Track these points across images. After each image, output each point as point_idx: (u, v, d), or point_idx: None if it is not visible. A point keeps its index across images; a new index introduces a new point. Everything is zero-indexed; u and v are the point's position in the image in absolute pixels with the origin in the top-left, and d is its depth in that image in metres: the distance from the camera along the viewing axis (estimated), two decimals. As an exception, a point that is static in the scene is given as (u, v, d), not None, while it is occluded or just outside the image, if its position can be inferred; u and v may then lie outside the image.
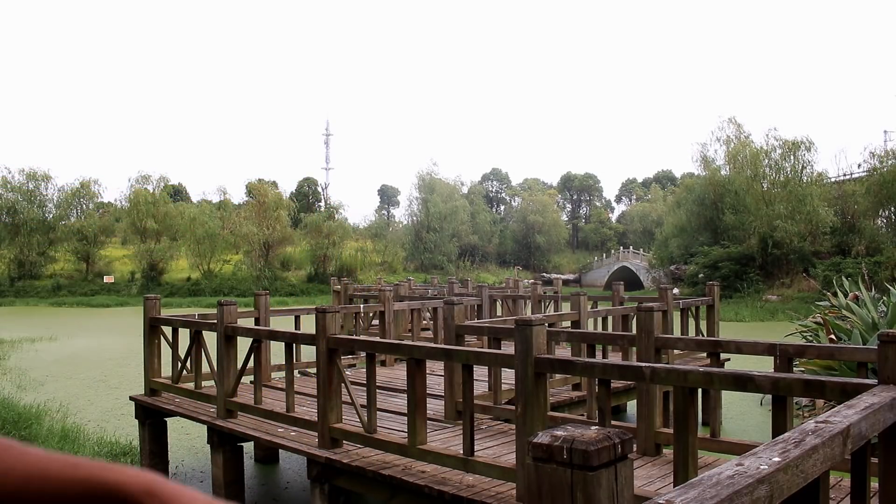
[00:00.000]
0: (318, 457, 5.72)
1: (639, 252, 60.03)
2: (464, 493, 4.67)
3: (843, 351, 5.81)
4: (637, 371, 4.14)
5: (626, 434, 1.65)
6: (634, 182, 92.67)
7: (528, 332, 4.35)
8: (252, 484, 7.78)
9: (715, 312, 10.93)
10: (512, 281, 23.25)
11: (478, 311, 12.49)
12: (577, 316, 8.66)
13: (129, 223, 50.95)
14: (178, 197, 63.38)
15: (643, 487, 4.53)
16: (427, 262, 61.44)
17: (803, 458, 1.84)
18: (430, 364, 7.48)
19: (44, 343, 20.42)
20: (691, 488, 1.49)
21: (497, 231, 74.23)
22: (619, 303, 11.80)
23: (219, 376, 7.18)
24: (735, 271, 36.36)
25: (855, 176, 38.30)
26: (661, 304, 7.87)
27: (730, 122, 43.50)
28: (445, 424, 6.48)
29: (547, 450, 1.56)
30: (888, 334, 3.11)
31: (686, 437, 3.97)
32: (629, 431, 4.85)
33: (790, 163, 39.00)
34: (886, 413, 2.60)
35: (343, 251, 53.16)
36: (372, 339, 7.36)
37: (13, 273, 47.10)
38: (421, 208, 65.16)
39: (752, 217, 37.72)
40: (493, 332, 6.97)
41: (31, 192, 49.49)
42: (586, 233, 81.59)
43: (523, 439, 4.27)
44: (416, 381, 5.22)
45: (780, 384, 3.43)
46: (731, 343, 5.77)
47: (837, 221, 36.17)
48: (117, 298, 42.09)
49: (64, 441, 8.30)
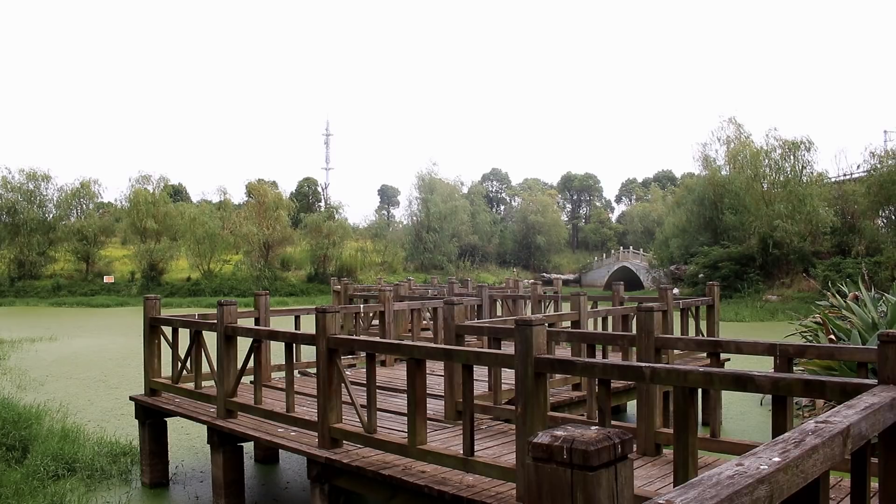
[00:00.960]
0: (318, 457, 5.72)
1: (639, 252, 60.03)
2: (464, 494, 4.66)
3: (843, 351, 5.81)
4: (637, 371, 4.14)
5: (626, 434, 1.65)
6: (634, 182, 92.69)
7: (528, 332, 4.35)
8: (252, 484, 7.78)
9: (715, 312, 10.93)
10: (512, 281, 23.25)
11: (478, 311, 12.49)
12: (577, 316, 8.66)
13: (130, 223, 50.97)
14: (178, 197, 63.38)
15: (643, 487, 4.53)
16: (427, 263, 61.46)
17: (803, 458, 1.84)
18: (430, 364, 7.49)
19: (44, 343, 20.42)
20: (691, 488, 1.49)
21: (497, 231, 74.25)
22: (619, 303, 11.80)
23: (219, 376, 7.18)
24: (735, 271, 36.37)
25: (855, 176, 38.28)
26: (661, 304, 7.87)
27: (730, 122, 43.57)
28: (445, 424, 6.48)
29: (547, 450, 1.56)
30: (888, 334, 3.11)
31: (686, 437, 3.97)
32: (629, 431, 4.85)
33: (790, 163, 39.00)
34: (886, 413, 2.60)
35: (343, 251, 53.17)
36: (372, 339, 7.35)
37: (13, 273, 47.11)
38: (421, 208, 65.18)
39: (752, 217, 37.73)
40: (493, 332, 6.97)
41: (31, 192, 49.51)
42: (586, 233, 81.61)
43: (523, 439, 4.27)
44: (416, 381, 5.22)
45: (780, 384, 3.43)
46: (731, 343, 5.77)
47: (837, 221, 36.17)
48: (117, 298, 42.11)
49: (64, 441, 8.31)
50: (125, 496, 7.26)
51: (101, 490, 7.36)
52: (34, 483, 7.07)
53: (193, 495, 7.39)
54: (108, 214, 54.43)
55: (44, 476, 7.33)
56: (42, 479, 7.25)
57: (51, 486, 7.06)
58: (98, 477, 7.69)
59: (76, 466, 7.77)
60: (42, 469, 7.45)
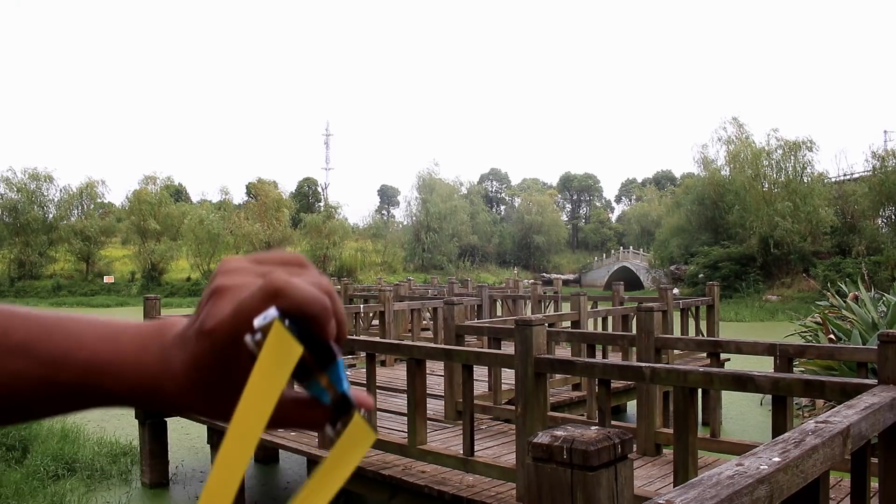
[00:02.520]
0: (318, 457, 5.72)
1: (639, 252, 60.00)
2: (464, 494, 4.67)
3: (843, 351, 5.81)
4: (637, 371, 4.14)
5: (626, 434, 1.65)
6: (634, 182, 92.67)
7: (528, 332, 4.35)
8: (252, 484, 7.78)
9: (715, 312, 10.92)
10: (512, 281, 23.24)
11: (478, 311, 12.49)
12: (577, 316, 8.66)
13: (131, 223, 50.97)
14: (178, 197, 63.36)
15: (643, 487, 4.53)
16: (427, 263, 61.43)
17: (803, 458, 1.84)
18: (430, 364, 7.47)
19: (44, 343, 20.42)
20: (691, 488, 1.49)
21: (497, 231, 74.21)
22: (619, 303, 11.79)
23: (219, 376, 7.18)
24: (735, 271, 36.34)
25: (855, 176, 38.29)
26: (661, 304, 7.87)
27: (731, 121, 43.53)
28: (445, 424, 6.48)
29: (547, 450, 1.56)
30: (888, 334, 3.11)
31: (686, 437, 3.97)
32: (629, 431, 4.85)
33: (791, 163, 38.99)
34: (886, 413, 2.60)
35: (343, 251, 53.15)
36: (372, 339, 7.35)
37: (13, 273, 47.09)
38: (420, 208, 65.14)
39: (752, 217, 37.70)
40: (493, 333, 6.97)
41: (33, 192, 49.50)
42: (586, 233, 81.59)
43: (523, 439, 4.27)
44: (416, 382, 5.22)
45: (780, 384, 3.43)
46: (731, 343, 5.78)
47: (837, 221, 36.15)
48: (117, 298, 42.09)
49: (64, 441, 8.31)
50: (125, 496, 7.26)
51: (101, 490, 7.36)
52: (34, 483, 7.07)
53: (193, 495, 7.39)
54: (110, 214, 54.42)
55: (44, 476, 7.33)
56: (42, 479, 7.25)
57: (51, 486, 7.06)
58: (98, 477, 7.69)
59: (76, 466, 7.77)
60: (42, 469, 7.45)
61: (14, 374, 0.42)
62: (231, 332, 0.39)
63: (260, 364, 0.35)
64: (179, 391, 0.42)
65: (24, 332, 0.43)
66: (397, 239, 63.96)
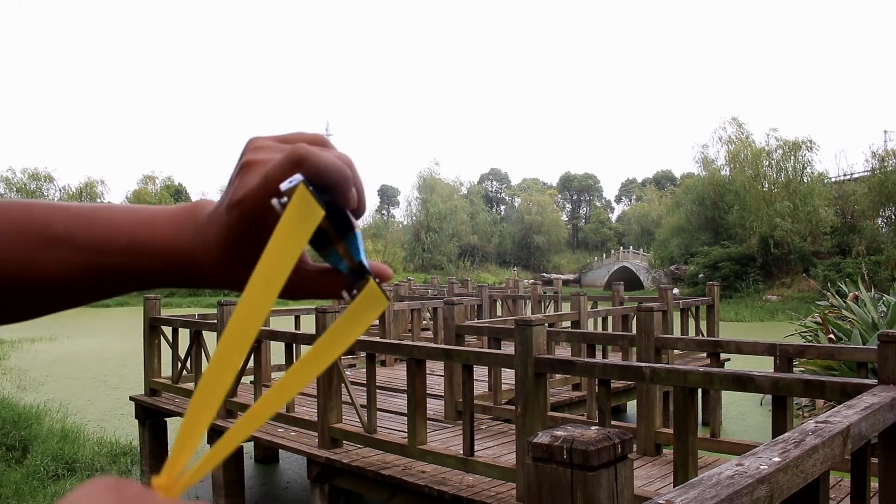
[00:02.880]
0: (318, 457, 5.72)
1: (639, 252, 60.01)
2: (464, 494, 4.67)
3: (843, 351, 5.82)
4: (637, 371, 4.14)
5: (626, 434, 1.65)
6: (634, 182, 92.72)
7: (528, 332, 4.36)
8: (252, 484, 7.78)
9: (715, 312, 10.93)
10: (512, 281, 23.24)
11: (478, 311, 12.49)
12: (577, 316, 8.67)
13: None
14: (178, 197, 63.32)
15: (643, 487, 4.53)
16: (427, 262, 61.45)
17: (803, 458, 1.84)
18: (430, 364, 7.47)
19: (44, 343, 20.41)
20: (691, 488, 1.49)
21: (497, 231, 74.26)
22: (619, 303, 11.80)
23: (219, 376, 7.18)
24: (735, 271, 36.34)
25: (855, 176, 38.30)
26: (661, 304, 7.87)
27: (731, 122, 43.53)
28: (445, 424, 6.48)
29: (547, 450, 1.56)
30: (888, 334, 3.11)
31: (686, 437, 3.97)
32: (629, 431, 4.85)
33: (791, 163, 39.00)
34: (886, 413, 2.60)
35: (343, 251, 53.11)
36: (372, 339, 7.36)
37: (13, 273, 47.14)
38: (420, 208, 65.17)
39: (752, 217, 37.71)
40: (493, 332, 6.98)
41: (33, 192, 49.51)
42: (586, 233, 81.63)
43: (523, 439, 4.27)
44: (416, 382, 5.22)
45: (780, 384, 3.44)
46: (731, 343, 5.78)
47: (837, 221, 36.17)
48: (117, 298, 42.06)
49: (64, 441, 8.31)
50: (125, 496, 7.25)
51: (101, 490, 7.36)
52: (34, 483, 7.07)
53: (193, 495, 7.39)
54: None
55: (44, 476, 7.32)
56: (42, 479, 7.25)
57: (51, 486, 7.06)
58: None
59: (76, 466, 7.77)
60: (42, 469, 7.45)
61: (60, 263, 0.44)
62: (260, 199, 0.40)
63: (283, 222, 0.36)
64: (214, 265, 0.44)
65: (66, 223, 0.45)
66: (397, 239, 63.97)
